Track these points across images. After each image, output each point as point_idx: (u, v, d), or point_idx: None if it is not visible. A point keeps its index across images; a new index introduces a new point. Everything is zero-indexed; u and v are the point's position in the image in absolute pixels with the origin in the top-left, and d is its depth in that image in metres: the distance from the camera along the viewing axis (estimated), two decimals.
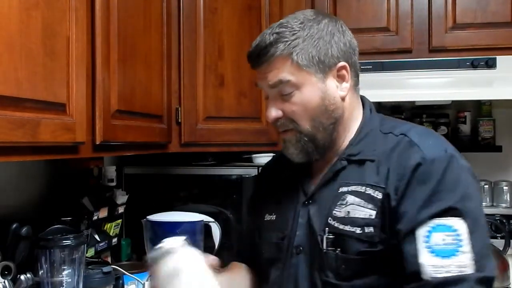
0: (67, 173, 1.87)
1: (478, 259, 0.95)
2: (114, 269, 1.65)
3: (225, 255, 1.51)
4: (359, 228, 1.03)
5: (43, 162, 1.80)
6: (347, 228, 1.04)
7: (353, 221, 1.04)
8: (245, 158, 2.26)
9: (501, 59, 2.01)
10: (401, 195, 1.01)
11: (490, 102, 2.47)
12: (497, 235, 2.25)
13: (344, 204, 1.06)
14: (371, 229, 1.02)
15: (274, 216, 1.20)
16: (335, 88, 1.12)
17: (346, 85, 1.13)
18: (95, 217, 1.83)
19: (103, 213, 1.89)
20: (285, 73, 1.09)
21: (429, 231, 0.97)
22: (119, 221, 2.04)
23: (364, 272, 1.03)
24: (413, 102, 2.33)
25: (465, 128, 2.51)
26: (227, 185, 2.13)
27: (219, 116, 1.97)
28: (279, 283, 1.14)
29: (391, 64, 2.09)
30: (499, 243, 2.12)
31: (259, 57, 1.11)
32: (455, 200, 0.98)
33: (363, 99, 1.20)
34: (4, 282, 1.31)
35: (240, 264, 1.33)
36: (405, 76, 2.08)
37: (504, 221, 2.22)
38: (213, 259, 1.06)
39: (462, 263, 0.94)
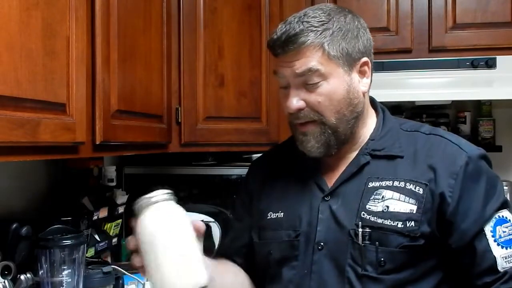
0: (67, 173, 1.87)
1: None
2: (114, 269, 1.64)
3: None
4: (401, 222, 1.05)
5: (43, 162, 1.79)
6: (388, 222, 1.05)
7: (394, 216, 1.05)
8: (245, 158, 2.25)
9: (501, 59, 2.01)
10: (459, 194, 1.05)
11: (490, 102, 2.47)
12: None
13: (380, 199, 1.07)
14: (413, 223, 1.05)
15: (282, 213, 1.17)
16: (358, 83, 1.12)
17: (367, 81, 1.14)
18: (95, 217, 1.83)
19: (103, 213, 1.89)
20: (315, 62, 1.07)
21: (493, 226, 1.05)
22: (119, 221, 2.04)
23: (404, 265, 1.05)
24: (413, 102, 2.32)
25: (465, 128, 2.50)
26: (227, 185, 2.14)
27: (219, 116, 1.97)
28: (296, 282, 1.12)
29: (391, 64, 2.09)
30: None
31: (286, 44, 1.08)
32: (502, 193, 1.09)
33: (371, 98, 1.21)
34: (4, 282, 1.31)
35: (228, 262, 1.26)
36: (405, 76, 2.08)
37: None
38: (198, 223, 0.95)
39: None
